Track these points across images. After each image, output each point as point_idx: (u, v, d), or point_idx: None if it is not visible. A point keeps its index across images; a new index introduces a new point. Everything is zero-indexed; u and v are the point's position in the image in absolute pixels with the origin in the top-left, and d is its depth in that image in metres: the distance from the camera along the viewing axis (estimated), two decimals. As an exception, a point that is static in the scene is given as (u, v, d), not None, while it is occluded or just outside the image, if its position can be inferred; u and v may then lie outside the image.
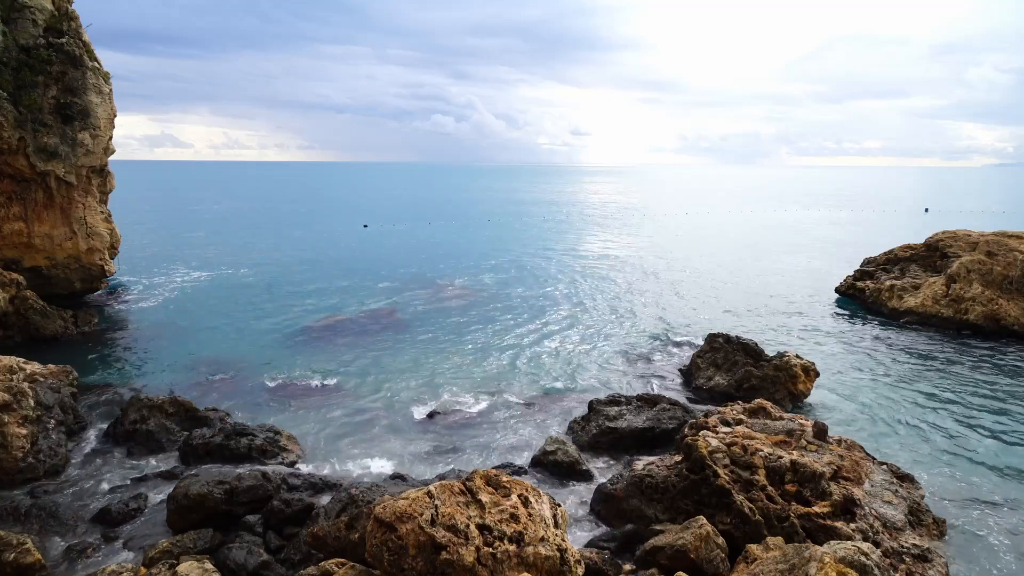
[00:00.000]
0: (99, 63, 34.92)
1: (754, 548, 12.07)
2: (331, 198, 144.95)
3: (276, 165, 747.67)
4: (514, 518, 10.87)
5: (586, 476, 17.67)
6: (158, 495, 16.38)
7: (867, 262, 42.48)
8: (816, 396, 23.59)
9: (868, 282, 39.52)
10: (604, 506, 15.33)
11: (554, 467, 17.71)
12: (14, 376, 18.82)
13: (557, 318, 35.44)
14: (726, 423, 16.83)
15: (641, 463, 15.86)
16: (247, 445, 18.34)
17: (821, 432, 16.21)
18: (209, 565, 12.23)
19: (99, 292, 38.27)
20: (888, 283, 37.62)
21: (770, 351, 25.54)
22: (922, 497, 15.21)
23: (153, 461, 18.45)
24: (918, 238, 43.20)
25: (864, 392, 24.31)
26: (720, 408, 18.40)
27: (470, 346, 29.95)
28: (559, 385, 25.22)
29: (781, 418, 17.29)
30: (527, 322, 34.46)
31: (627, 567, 12.88)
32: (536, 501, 11.48)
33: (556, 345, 30.34)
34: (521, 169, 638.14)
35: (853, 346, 30.30)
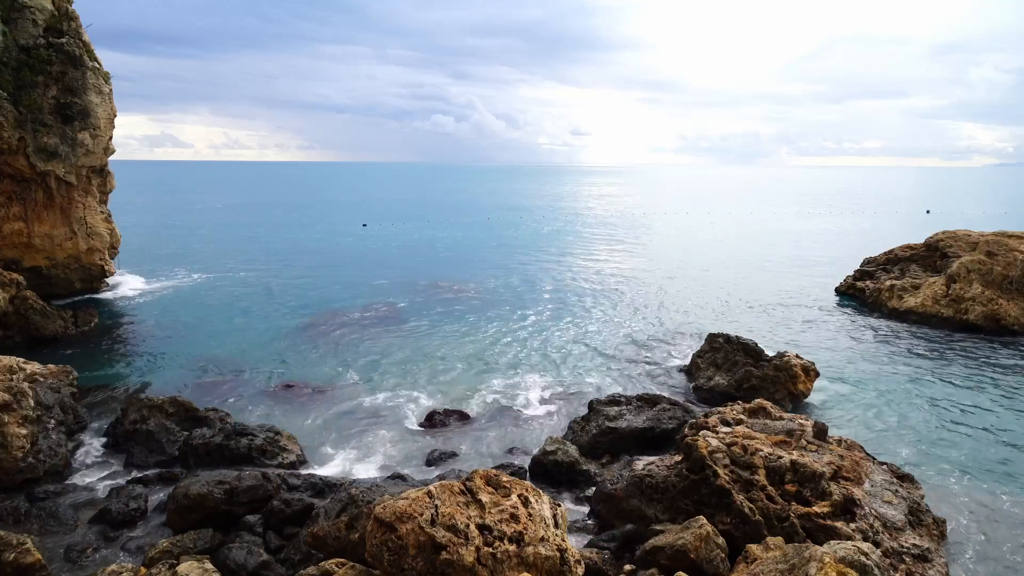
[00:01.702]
0: (99, 63, 34.94)
1: (754, 548, 12.06)
2: (331, 198, 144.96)
3: (276, 165, 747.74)
4: (514, 518, 10.87)
5: (586, 476, 17.67)
6: (158, 495, 16.39)
7: (867, 262, 42.50)
8: (816, 396, 23.60)
9: (868, 282, 39.54)
10: (604, 506, 15.32)
11: (554, 467, 17.70)
12: (14, 376, 18.82)
13: (557, 318, 35.44)
14: (726, 423, 16.82)
15: (641, 463, 15.84)
16: (247, 445, 18.33)
17: (821, 432, 16.21)
18: (209, 565, 12.23)
19: (99, 292, 38.27)
20: (888, 283, 37.63)
21: (770, 351, 25.54)
22: (922, 497, 15.20)
23: (153, 461, 18.46)
24: (918, 238, 43.22)
25: (864, 392, 24.31)
26: (720, 408, 18.39)
27: (470, 346, 29.95)
28: (559, 385, 25.22)
29: (781, 418, 17.28)
30: (527, 322, 34.47)
31: (627, 567, 12.87)
32: (536, 501, 11.48)
33: (556, 345, 30.34)
34: (521, 169, 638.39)
35: (853, 346, 30.29)
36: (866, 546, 10.99)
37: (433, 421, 21.65)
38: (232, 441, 18.42)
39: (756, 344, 25.13)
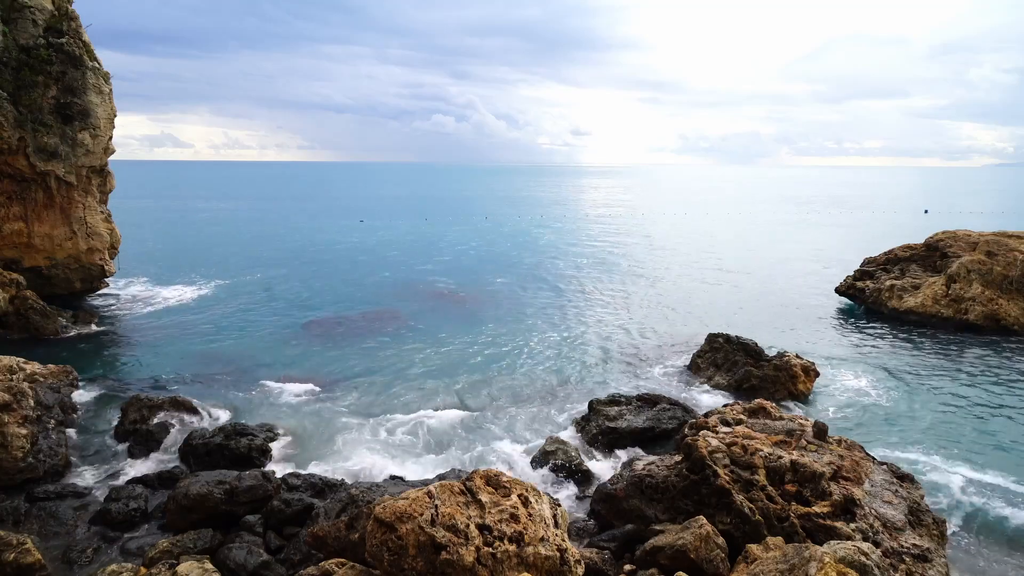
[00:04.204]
0: (99, 63, 34.90)
1: (754, 548, 12.07)
2: (331, 197, 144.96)
3: (276, 165, 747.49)
4: (514, 518, 10.87)
5: (586, 476, 17.68)
6: (158, 495, 16.39)
7: (867, 262, 42.44)
8: (816, 396, 23.60)
9: (868, 282, 39.50)
10: (604, 506, 15.32)
11: (554, 467, 17.71)
12: (14, 376, 18.82)
13: (557, 318, 35.42)
14: (726, 423, 16.83)
15: (641, 463, 15.85)
16: (247, 445, 18.34)
17: (821, 432, 16.21)
18: (209, 565, 12.24)
19: (99, 292, 38.25)
20: (888, 283, 37.60)
21: (770, 351, 25.53)
22: (922, 497, 15.18)
23: (153, 461, 18.46)
24: (918, 238, 43.17)
25: (864, 392, 24.29)
26: (720, 408, 18.40)
27: (469, 346, 29.94)
28: (559, 385, 25.21)
29: (781, 418, 17.29)
30: (527, 322, 34.45)
31: (627, 567, 12.87)
32: (536, 501, 11.48)
33: (556, 345, 30.32)
34: (521, 169, 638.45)
35: (853, 346, 30.30)
36: (866, 546, 10.99)
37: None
38: (232, 441, 18.42)
39: (756, 344, 25.13)
